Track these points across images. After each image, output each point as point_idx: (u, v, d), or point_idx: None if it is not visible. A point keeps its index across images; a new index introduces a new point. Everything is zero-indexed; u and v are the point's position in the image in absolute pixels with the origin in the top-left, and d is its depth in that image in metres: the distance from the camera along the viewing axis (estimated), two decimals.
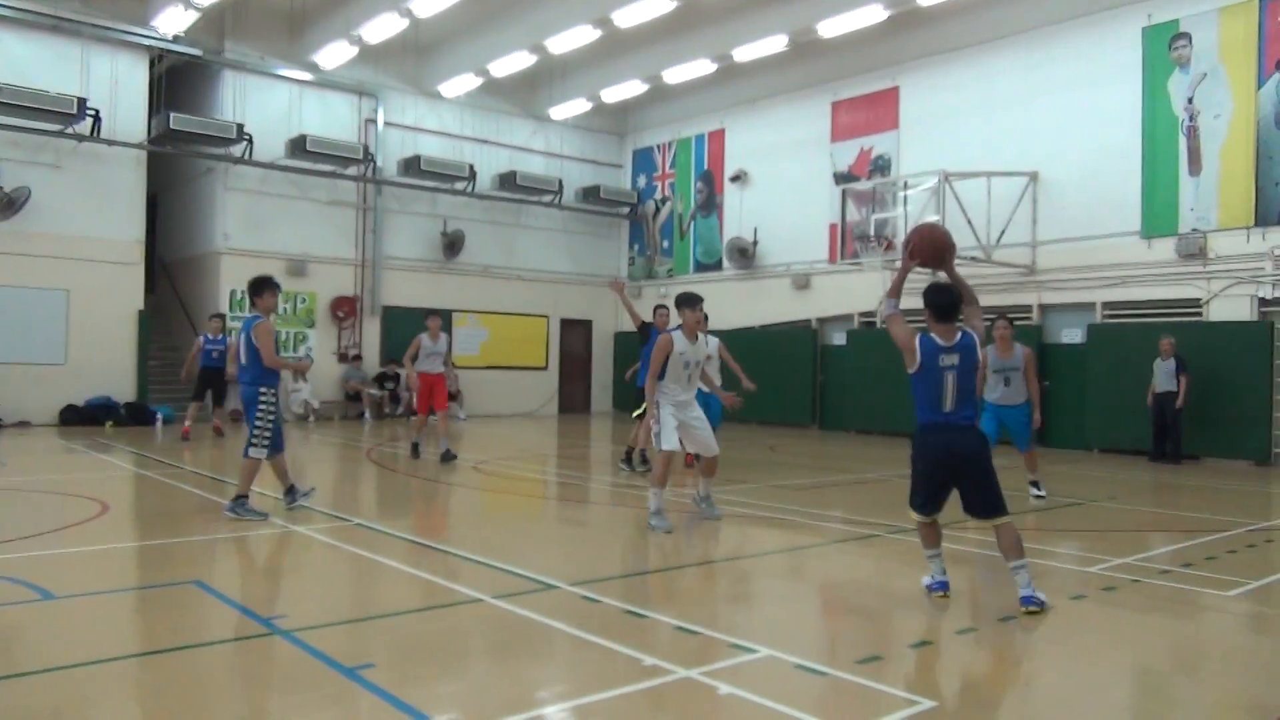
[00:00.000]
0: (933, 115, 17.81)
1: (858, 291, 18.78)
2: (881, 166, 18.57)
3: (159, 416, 17.34)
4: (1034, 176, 16.20)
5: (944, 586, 5.60)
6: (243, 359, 8.15)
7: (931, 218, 15.41)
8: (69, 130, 16.80)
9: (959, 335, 5.68)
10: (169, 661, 4.34)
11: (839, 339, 19.38)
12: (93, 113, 16.81)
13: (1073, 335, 15.85)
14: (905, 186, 16.46)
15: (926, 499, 5.57)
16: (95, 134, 17.04)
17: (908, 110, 18.29)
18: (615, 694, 3.91)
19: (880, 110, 18.74)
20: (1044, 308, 16.29)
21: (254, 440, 8.00)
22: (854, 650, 4.64)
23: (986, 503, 5.45)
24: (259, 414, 7.99)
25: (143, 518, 8.64)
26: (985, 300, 17.00)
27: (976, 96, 17.11)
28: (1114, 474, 12.35)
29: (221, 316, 15.66)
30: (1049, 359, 15.89)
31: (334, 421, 19.18)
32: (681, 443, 8.05)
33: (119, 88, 17.55)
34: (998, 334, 9.66)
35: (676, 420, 7.87)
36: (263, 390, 8.02)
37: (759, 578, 6.55)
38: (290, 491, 8.37)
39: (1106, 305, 15.47)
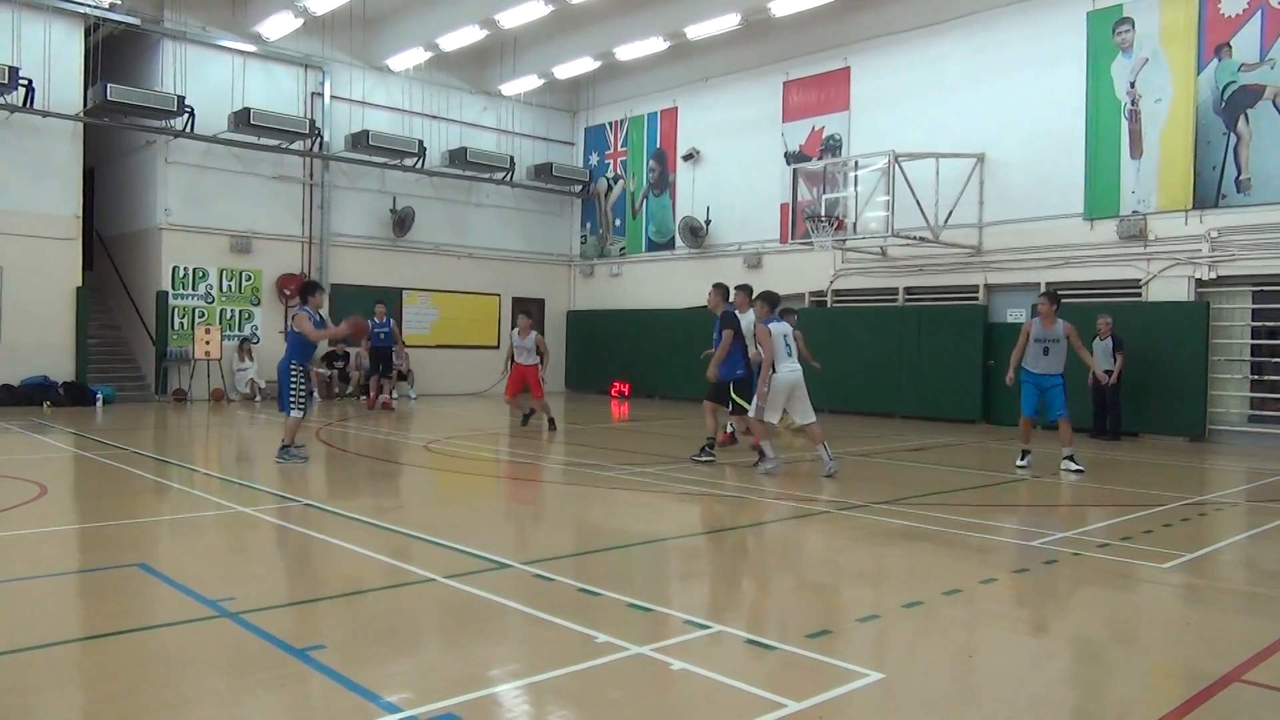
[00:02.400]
0: (883, 96, 17.95)
1: (809, 271, 18.92)
2: (833, 146, 18.68)
3: (99, 396, 16.92)
4: (981, 158, 16.44)
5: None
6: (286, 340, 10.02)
7: (881, 198, 15.58)
8: (0, 101, 16.21)
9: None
10: (113, 645, 4.25)
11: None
12: (25, 83, 16.24)
13: (1017, 315, 16.15)
14: (855, 167, 16.60)
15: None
16: (28, 105, 16.47)
17: (859, 91, 18.40)
18: (568, 671, 3.92)
19: (831, 90, 18.83)
20: (990, 288, 16.57)
21: (293, 403, 9.79)
22: (804, 625, 4.71)
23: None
24: (292, 383, 9.78)
25: (83, 500, 8.45)
26: (933, 280, 17.41)
27: (925, 78, 17.27)
28: (1058, 451, 12.64)
29: (384, 303, 17.98)
30: (995, 338, 16.20)
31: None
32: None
33: (53, 57, 16.95)
34: (1041, 308, 10.50)
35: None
36: (294, 365, 9.81)
37: (711, 555, 6.60)
38: (285, 448, 10.05)
39: (1050, 286, 15.77)
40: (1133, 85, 14.74)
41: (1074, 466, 10.25)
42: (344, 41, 20.20)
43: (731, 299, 11.39)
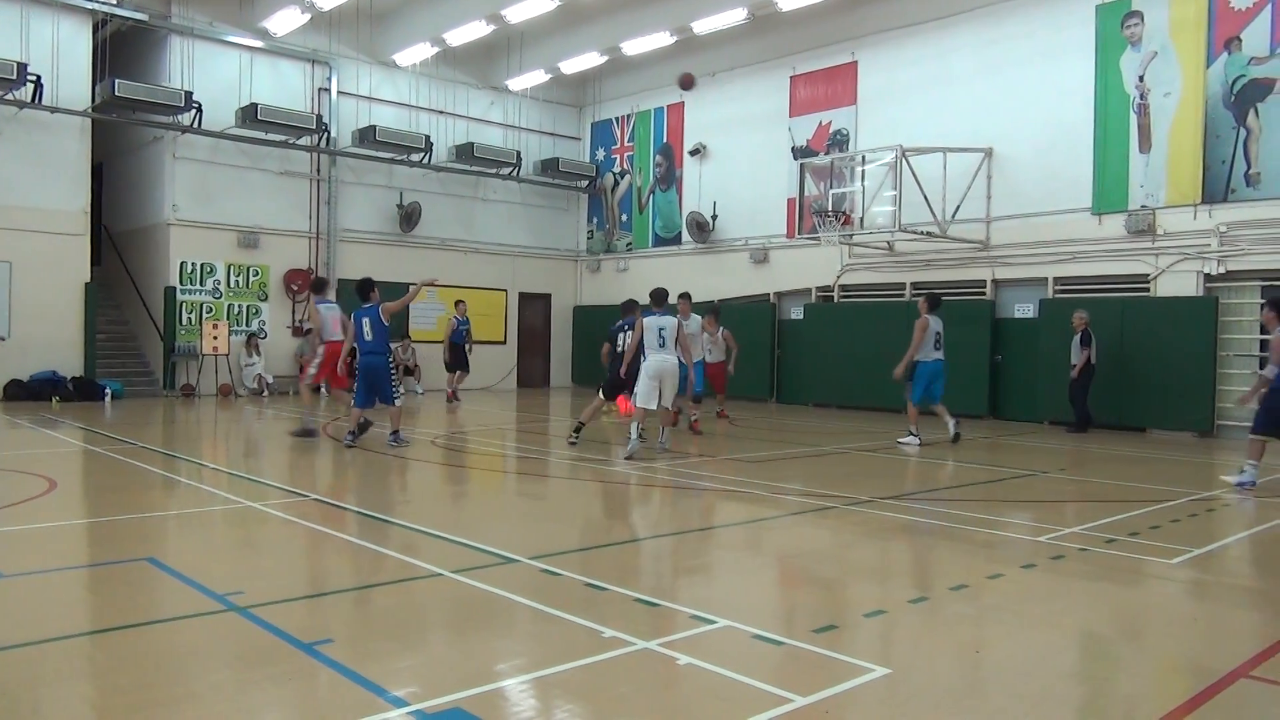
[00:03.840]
0: (890, 90, 17.90)
1: (816, 266, 18.90)
2: (840, 141, 18.64)
3: (107, 391, 16.99)
4: (989, 152, 16.38)
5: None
6: (368, 336, 10.59)
7: (888, 193, 15.54)
8: (9, 97, 16.28)
9: None
10: (122, 639, 4.28)
11: (796, 313, 19.50)
12: (34, 79, 16.31)
13: (1025, 310, 16.12)
14: (863, 161, 16.56)
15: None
16: (37, 101, 16.53)
17: (866, 85, 18.35)
18: (575, 666, 3.93)
19: (839, 85, 18.78)
20: (997, 283, 16.53)
21: (395, 394, 10.45)
22: (810, 620, 4.71)
23: None
24: (393, 374, 10.53)
25: (92, 494, 8.49)
26: (941, 275, 17.36)
27: (933, 72, 17.22)
28: (1064, 445, 12.62)
29: (463, 301, 18.47)
30: (1002, 333, 16.17)
31: (289, 396, 18.93)
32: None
33: (61, 53, 17.01)
34: (927, 307, 12.38)
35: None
36: (388, 359, 10.69)
37: (717, 550, 6.61)
38: (395, 434, 10.80)
39: (1058, 281, 15.74)
40: (1141, 79, 14.67)
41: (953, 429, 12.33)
42: (351, 37, 20.21)
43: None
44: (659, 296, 11.09)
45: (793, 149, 19.35)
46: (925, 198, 15.64)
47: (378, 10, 19.94)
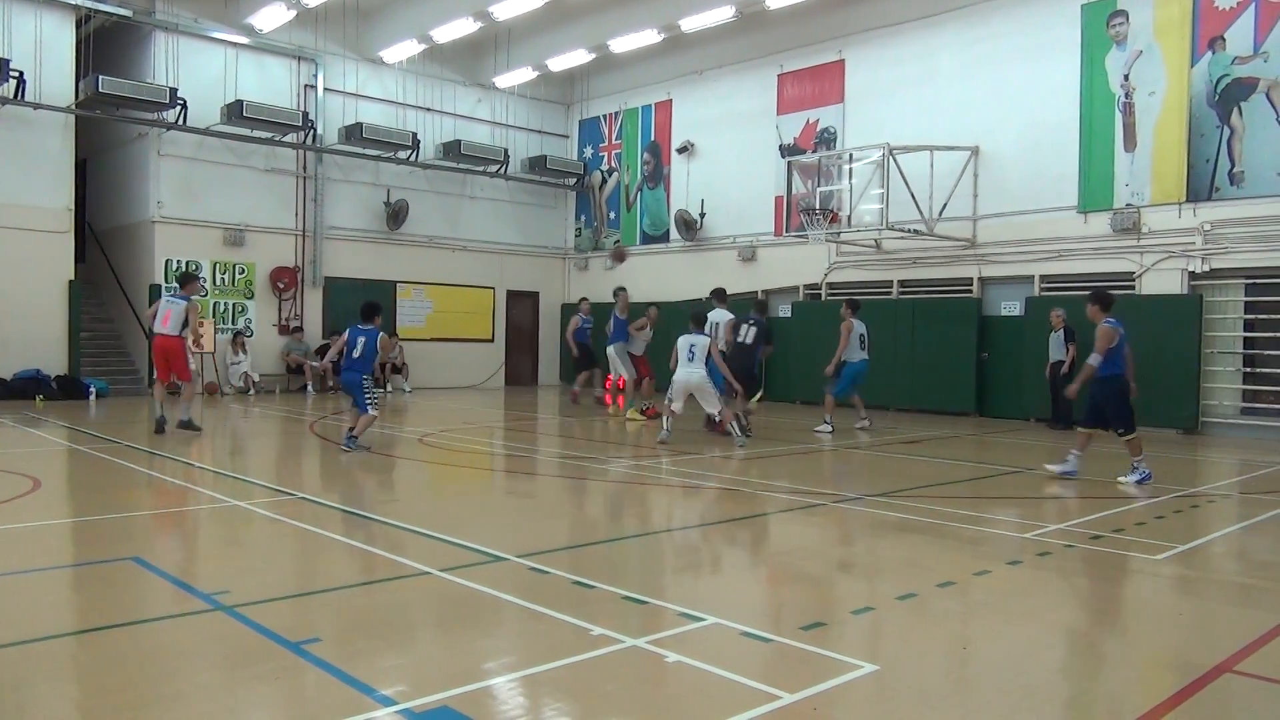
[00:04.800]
0: (877, 88, 17.94)
1: (803, 264, 18.94)
2: (827, 139, 18.67)
3: (92, 390, 16.87)
4: (975, 150, 16.45)
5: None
6: (356, 354, 10.76)
7: (875, 191, 15.58)
8: None
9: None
10: (107, 639, 4.25)
11: (784, 311, 19.53)
12: (16, 74, 16.15)
13: (1011, 308, 16.20)
14: (850, 159, 16.59)
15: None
16: (19, 96, 16.37)
17: (853, 83, 18.39)
18: (563, 664, 3.93)
19: (826, 83, 18.82)
20: (984, 280, 16.59)
21: (370, 401, 10.70)
22: (798, 617, 4.72)
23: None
24: (367, 388, 10.71)
25: (76, 493, 8.43)
26: (927, 273, 17.41)
27: (920, 70, 17.27)
28: (1050, 443, 12.68)
29: (586, 299, 17.60)
30: (989, 331, 16.24)
31: (275, 395, 18.85)
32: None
33: (44, 48, 16.87)
34: (850, 312, 13.42)
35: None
36: (365, 377, 10.73)
37: (706, 547, 6.62)
38: (351, 436, 10.69)
39: (1044, 278, 15.81)
40: (1127, 78, 14.75)
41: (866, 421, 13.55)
42: (337, 33, 20.11)
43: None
44: (699, 318, 12.16)
45: (780, 147, 19.38)
46: (912, 196, 15.68)
47: (364, 7, 19.85)
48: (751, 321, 12.59)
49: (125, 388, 18.10)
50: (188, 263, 18.36)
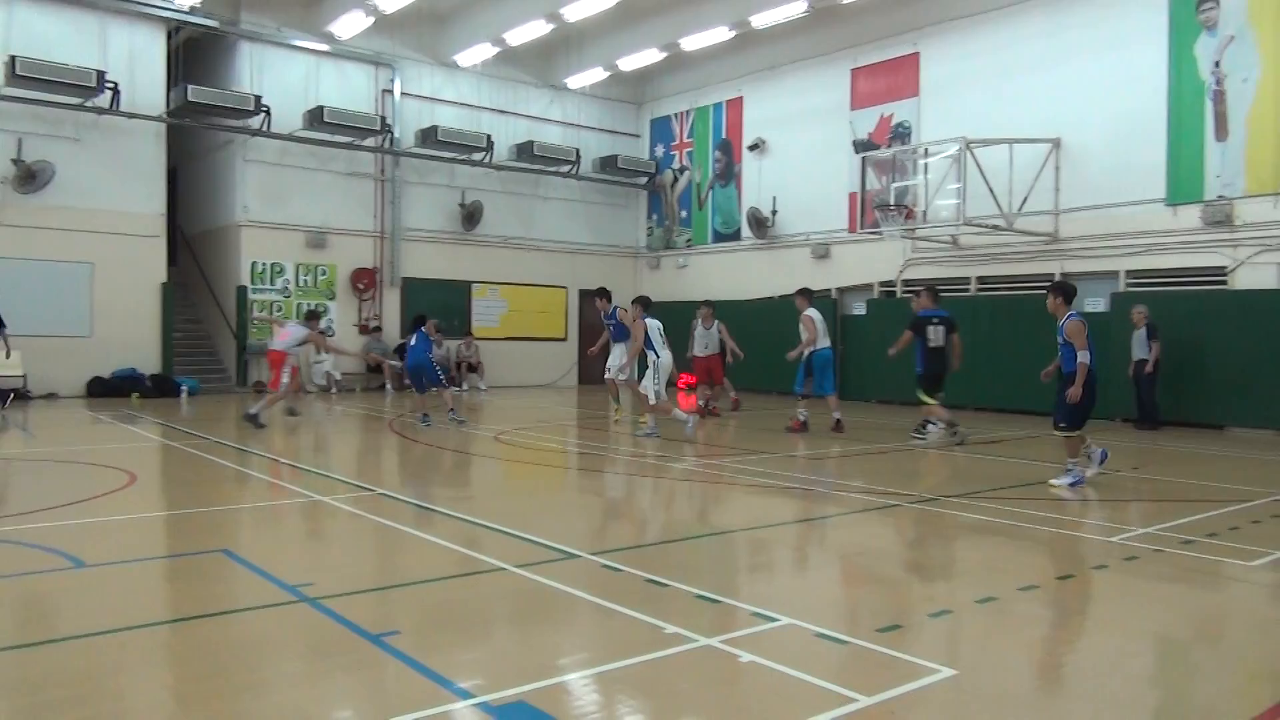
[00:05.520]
0: (954, 81, 17.58)
1: (878, 261, 18.67)
2: (902, 134, 18.37)
3: (184, 388, 17.52)
4: (1056, 143, 15.99)
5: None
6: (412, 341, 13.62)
7: (952, 185, 15.27)
8: (88, 104, 16.86)
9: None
10: (198, 628, 4.42)
11: (859, 309, 19.29)
12: (111, 85, 16.86)
13: (1096, 304, 15.70)
14: (926, 154, 16.30)
15: None
16: (114, 107, 17.09)
17: (929, 76, 18.05)
18: (636, 661, 3.95)
19: (901, 76, 18.51)
20: (1067, 276, 16.11)
21: (442, 380, 12.92)
22: (874, 619, 4.66)
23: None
24: (438, 371, 13.30)
25: (170, 487, 8.77)
26: (1007, 269, 17.00)
27: (998, 62, 16.86)
28: (1136, 443, 12.27)
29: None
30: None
31: (355, 393, 19.32)
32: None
33: (137, 60, 17.58)
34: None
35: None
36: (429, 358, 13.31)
37: (779, 547, 6.57)
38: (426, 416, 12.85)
39: (1130, 274, 15.30)
40: (1217, 65, 14.17)
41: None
42: (413, 39, 20.52)
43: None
44: (645, 302, 12.51)
45: (854, 142, 19.12)
46: (991, 190, 15.33)
47: (439, 12, 20.21)
48: (938, 320, 11.85)
49: (214, 386, 18.76)
50: (316, 305, 19.04)
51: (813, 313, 13.06)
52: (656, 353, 11.95)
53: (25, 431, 12.49)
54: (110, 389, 17.12)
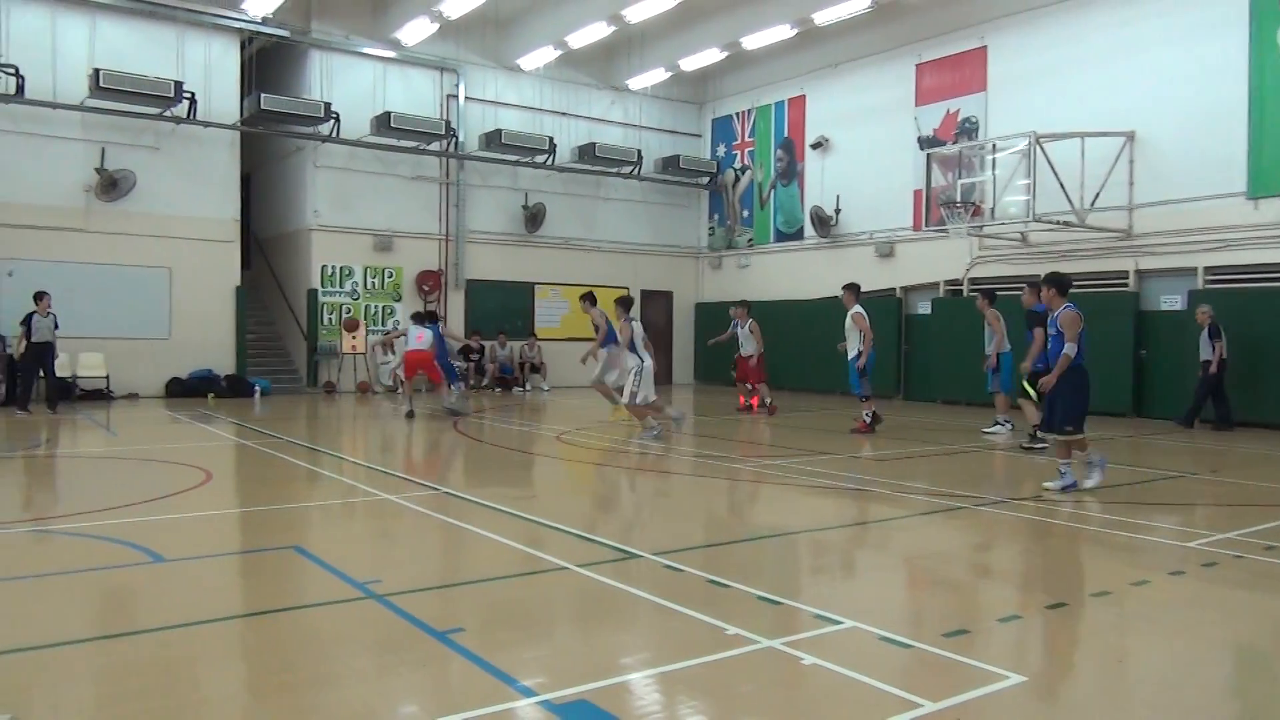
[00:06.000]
0: (1023, 75, 17.20)
1: (944, 259, 18.35)
2: (969, 129, 18.03)
3: (257, 388, 18.01)
4: (1130, 136, 15.53)
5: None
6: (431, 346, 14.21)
7: (1021, 181, 14.94)
8: (167, 113, 17.43)
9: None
10: (270, 622, 4.54)
11: (924, 308, 18.99)
12: (189, 95, 17.41)
13: (1172, 302, 15.22)
14: (994, 150, 15.96)
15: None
16: (191, 116, 17.64)
17: (996, 70, 17.68)
18: (698, 662, 3.95)
19: (967, 71, 18.17)
20: (1141, 273, 15.66)
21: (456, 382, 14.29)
22: (940, 623, 4.59)
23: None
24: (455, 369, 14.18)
25: (244, 485, 9.02)
26: (1077, 266, 16.60)
27: (1069, 54, 16.44)
28: (1215, 445, 11.86)
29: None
30: (1147, 327, 15.32)
31: (421, 393, 19.62)
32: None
33: (212, 70, 18.12)
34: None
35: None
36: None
37: (842, 549, 6.51)
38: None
39: (1209, 270, 14.79)
40: None
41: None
42: (476, 43, 20.80)
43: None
44: (627, 303, 12.25)
45: (919, 139, 18.83)
46: (1061, 185, 14.96)
47: (502, 16, 20.44)
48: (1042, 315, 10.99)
49: (285, 386, 19.24)
50: (427, 304, 19.90)
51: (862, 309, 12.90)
52: (641, 357, 11.74)
53: (108, 430, 12.96)
54: (187, 389, 17.67)
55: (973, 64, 18.08)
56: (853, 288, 13.19)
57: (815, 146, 21.24)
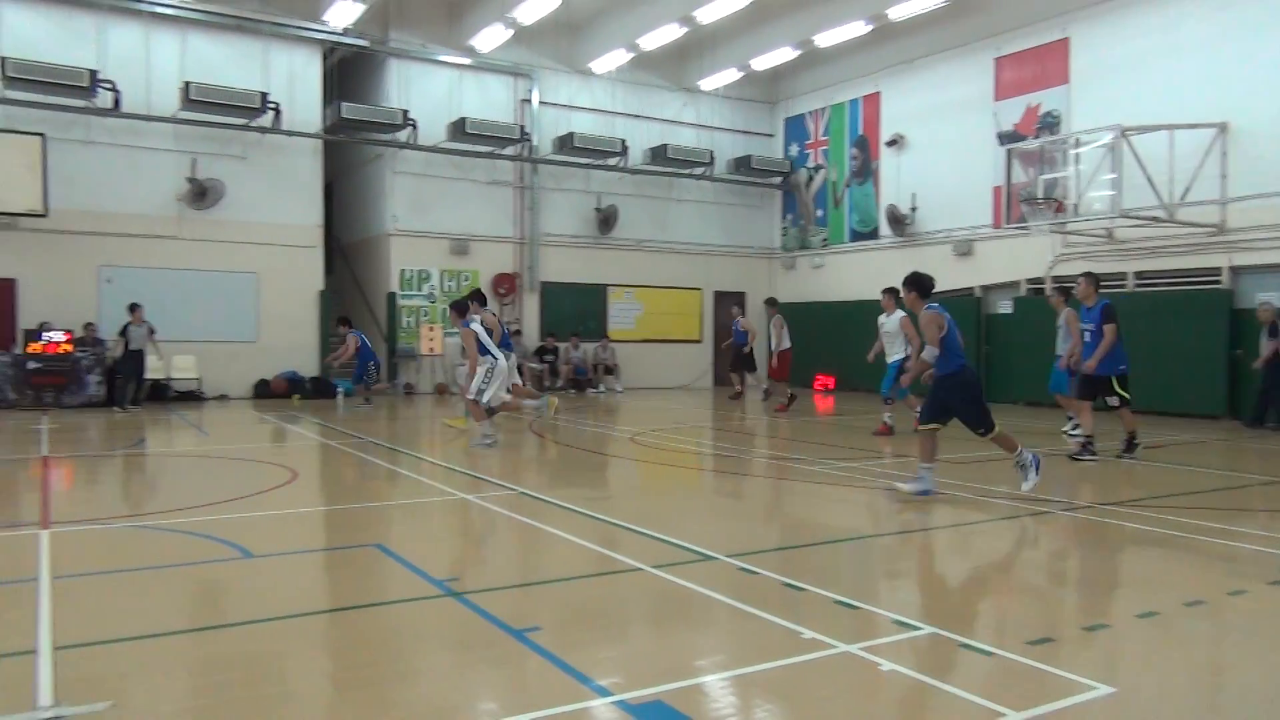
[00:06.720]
0: (1107, 66, 16.66)
1: (1025, 257, 17.89)
2: (1050, 124, 17.54)
3: (339, 390, 18.46)
4: (1223, 128, 14.92)
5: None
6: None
7: (1107, 176, 14.47)
8: (253, 124, 18.02)
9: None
10: (353, 618, 4.66)
11: (1005, 307, 18.55)
12: (274, 106, 17.97)
13: (1272, 299, 14.57)
14: (1077, 144, 15.49)
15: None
16: (276, 126, 18.20)
17: (1079, 62, 17.17)
18: (774, 666, 3.92)
19: (1048, 63, 17.68)
20: (1235, 270, 15.03)
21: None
22: (1023, 631, 4.47)
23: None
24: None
25: (328, 484, 9.26)
26: (1168, 263, 15.98)
27: (1157, 44, 15.88)
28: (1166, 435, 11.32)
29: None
30: (1242, 325, 14.69)
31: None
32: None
33: (296, 81, 18.68)
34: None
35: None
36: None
37: (922, 553, 6.39)
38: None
39: None
40: None
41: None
42: (549, 49, 21.01)
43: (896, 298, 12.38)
44: (478, 298, 12.42)
45: (998, 134, 18.40)
46: (1149, 180, 14.45)
47: (574, 21, 20.61)
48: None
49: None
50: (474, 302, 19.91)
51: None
52: (493, 356, 11.32)
53: (201, 430, 13.45)
54: (274, 391, 18.23)
55: (1054, 56, 17.59)
56: (894, 291, 12.65)
57: (890, 144, 20.92)
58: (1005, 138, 18.07)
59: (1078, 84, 17.20)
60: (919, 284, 8.31)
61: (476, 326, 11.37)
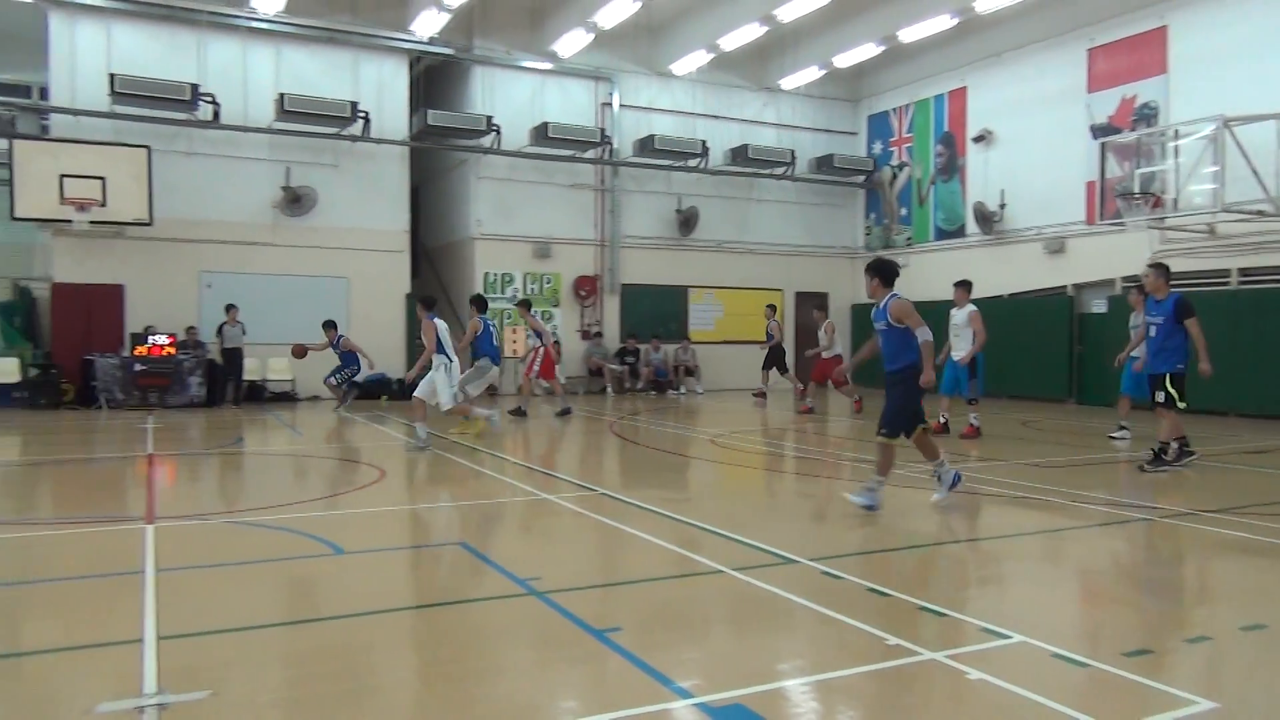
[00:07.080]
0: (1209, 54, 15.95)
1: (1121, 254, 17.25)
2: (1147, 116, 16.89)
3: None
4: None
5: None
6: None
7: (1208, 169, 13.87)
8: (344, 132, 18.55)
9: None
10: (439, 614, 4.76)
11: (1099, 306, 17.93)
12: (363, 115, 18.48)
13: None
14: (1176, 136, 14.89)
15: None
16: (366, 134, 18.71)
17: (1178, 51, 16.48)
18: (857, 672, 3.87)
19: (1145, 53, 17.02)
20: None
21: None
22: (1119, 642, 4.32)
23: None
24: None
25: (415, 483, 9.48)
26: (1272, 259, 15.25)
27: (1263, 29, 15.14)
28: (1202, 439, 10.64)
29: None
30: None
31: (578, 396, 20.08)
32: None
33: (384, 90, 19.16)
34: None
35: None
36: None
37: (1012, 560, 6.22)
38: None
39: None
40: None
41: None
42: (629, 52, 21.11)
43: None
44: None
45: (1091, 127, 17.79)
46: (1254, 172, 13.80)
47: (654, 23, 20.67)
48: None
49: None
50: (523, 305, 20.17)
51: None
52: (449, 356, 11.41)
53: (294, 430, 13.90)
54: (363, 392, 18.71)
55: (1151, 45, 16.93)
56: (966, 285, 12.64)
57: (978, 140, 20.42)
58: (1099, 131, 17.46)
59: (1176, 73, 16.53)
60: (883, 270, 7.87)
61: (439, 323, 11.53)
